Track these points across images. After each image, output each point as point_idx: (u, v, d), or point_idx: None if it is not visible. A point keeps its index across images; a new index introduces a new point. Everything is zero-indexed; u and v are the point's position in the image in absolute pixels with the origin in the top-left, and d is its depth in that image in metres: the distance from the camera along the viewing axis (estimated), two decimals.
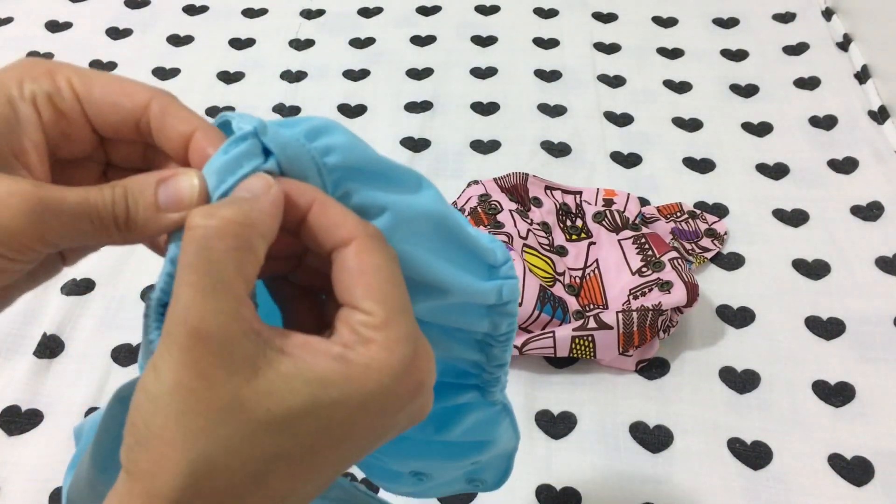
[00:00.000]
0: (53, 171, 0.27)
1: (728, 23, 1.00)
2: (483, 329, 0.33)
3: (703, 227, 0.74)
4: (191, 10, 1.04)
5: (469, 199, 0.71)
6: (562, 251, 0.69)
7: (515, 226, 0.67)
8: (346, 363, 0.23)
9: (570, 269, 0.68)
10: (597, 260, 0.68)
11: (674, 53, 0.96)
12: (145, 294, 0.70)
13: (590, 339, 0.61)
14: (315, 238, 0.25)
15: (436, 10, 1.03)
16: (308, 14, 1.03)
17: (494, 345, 0.33)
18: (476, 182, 0.72)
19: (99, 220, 0.25)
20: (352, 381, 0.23)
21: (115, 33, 1.00)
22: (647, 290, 0.64)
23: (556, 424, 0.61)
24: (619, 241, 0.68)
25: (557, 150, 0.83)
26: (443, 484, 0.40)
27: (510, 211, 0.68)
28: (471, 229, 0.32)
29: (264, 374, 0.22)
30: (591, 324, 0.62)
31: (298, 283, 0.29)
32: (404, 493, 0.43)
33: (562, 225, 0.71)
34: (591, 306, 0.65)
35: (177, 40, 0.99)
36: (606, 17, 1.01)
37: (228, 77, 0.93)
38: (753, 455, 0.59)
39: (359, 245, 0.25)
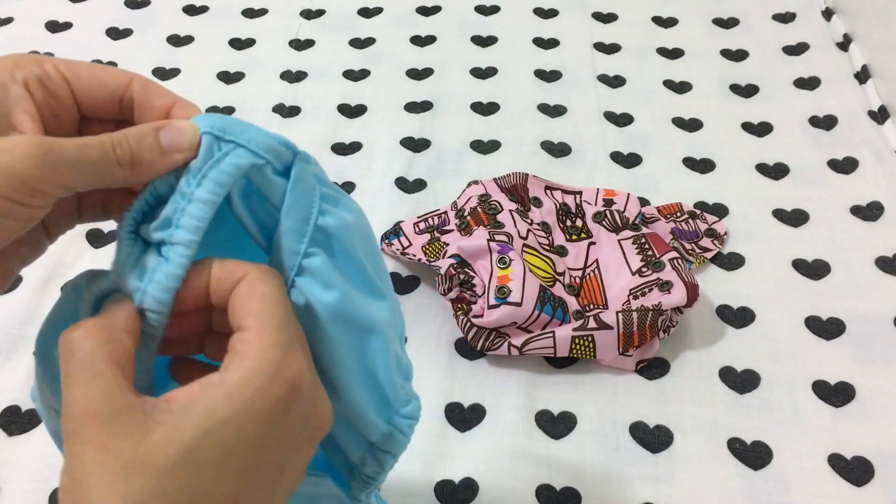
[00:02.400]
0: None
1: (728, 23, 1.00)
2: (354, 458, 0.33)
3: (703, 227, 0.74)
4: (191, 10, 1.04)
5: (469, 199, 0.71)
6: (562, 251, 0.69)
7: (515, 226, 0.67)
8: (223, 386, 0.25)
9: (570, 269, 0.68)
10: (597, 260, 0.68)
11: (674, 53, 0.96)
12: None
13: (590, 339, 0.61)
14: (217, 292, 0.28)
15: (436, 10, 1.03)
16: (308, 14, 1.03)
17: (356, 479, 0.34)
18: (476, 182, 0.72)
19: (101, 158, 0.27)
20: (231, 397, 0.25)
21: (115, 33, 1.00)
22: (647, 290, 0.64)
23: (556, 424, 0.61)
24: (619, 241, 0.68)
25: (557, 150, 0.83)
26: None
27: (510, 211, 0.68)
28: (403, 368, 0.33)
29: (156, 430, 0.24)
30: (591, 324, 0.62)
31: (212, 362, 0.30)
32: None
33: (562, 225, 0.71)
34: (591, 306, 0.65)
35: (177, 40, 0.99)
36: (606, 17, 1.01)
37: (228, 77, 0.93)
38: (753, 455, 0.59)
39: (249, 277, 0.28)
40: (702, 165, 0.82)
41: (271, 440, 0.26)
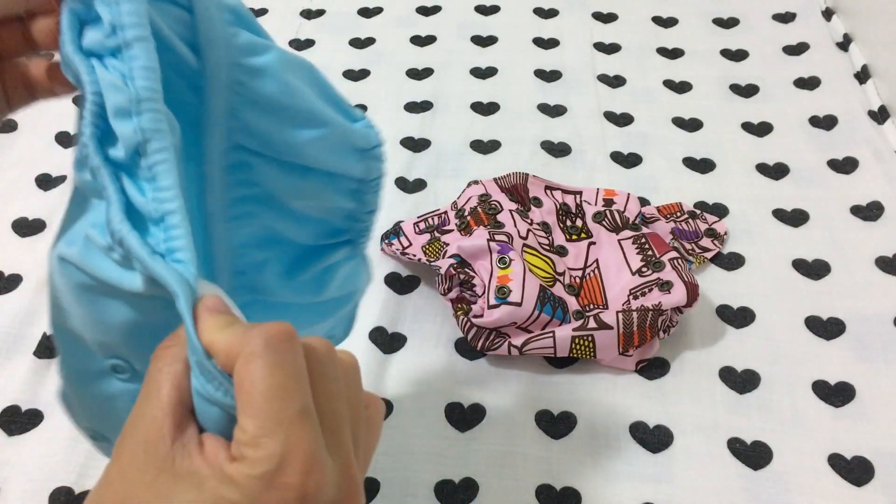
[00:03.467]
0: None
1: (728, 23, 1.00)
2: (357, 174, 0.36)
3: (703, 227, 0.74)
4: None
5: (469, 199, 0.71)
6: (562, 251, 0.69)
7: (515, 226, 0.67)
8: (221, 477, 0.25)
9: (570, 269, 0.68)
10: (597, 260, 0.69)
11: (674, 53, 0.96)
12: None
13: (590, 339, 0.61)
14: (226, 367, 0.26)
15: (436, 10, 1.03)
16: (308, 14, 1.03)
17: (367, 191, 0.37)
18: (476, 182, 0.72)
19: None
20: (220, 489, 0.25)
21: None
22: (647, 290, 0.64)
23: (556, 424, 0.61)
24: (619, 241, 0.68)
25: (557, 150, 0.83)
26: None
27: (510, 211, 0.68)
28: (335, 90, 0.35)
29: (164, 477, 0.25)
30: (591, 324, 0.62)
31: None
32: None
33: (562, 225, 0.71)
34: (591, 306, 0.65)
35: None
36: (606, 17, 1.01)
37: None
38: (753, 455, 0.59)
39: (241, 360, 0.25)
40: (702, 165, 0.82)
41: None
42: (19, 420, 0.61)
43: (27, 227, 0.75)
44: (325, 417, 0.26)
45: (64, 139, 0.85)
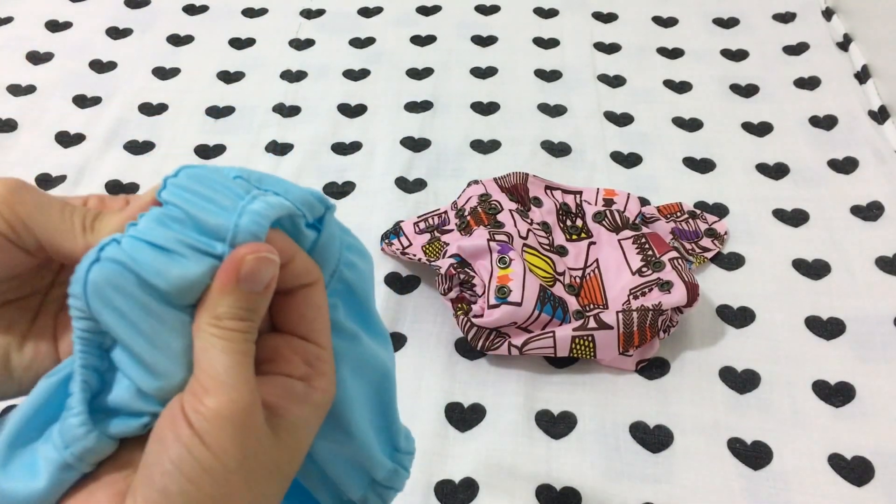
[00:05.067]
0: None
1: (728, 23, 1.00)
2: (353, 495, 0.32)
3: (703, 227, 0.74)
4: (191, 10, 1.04)
5: (469, 199, 0.71)
6: (562, 251, 0.69)
7: (515, 226, 0.67)
8: (313, 405, 0.27)
9: (570, 268, 0.68)
10: (597, 260, 0.69)
11: (674, 53, 0.96)
12: None
13: (590, 338, 0.61)
14: (288, 279, 0.28)
15: (436, 10, 1.03)
16: (308, 14, 1.03)
17: None
18: (476, 182, 0.72)
19: (62, 213, 0.27)
20: (318, 416, 0.28)
21: (115, 33, 1.00)
22: (647, 289, 0.64)
23: (556, 424, 0.61)
24: (619, 240, 0.68)
25: (557, 150, 0.83)
26: None
27: (510, 211, 0.68)
28: (394, 411, 0.33)
29: (277, 433, 0.26)
30: (591, 324, 0.62)
31: None
32: None
33: (562, 225, 0.71)
34: (591, 306, 0.65)
35: (177, 40, 0.99)
36: (606, 17, 1.01)
37: (228, 77, 0.93)
38: (753, 455, 0.59)
39: (321, 286, 0.28)
40: (702, 165, 0.82)
41: None
42: None
43: None
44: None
45: (64, 139, 0.85)
